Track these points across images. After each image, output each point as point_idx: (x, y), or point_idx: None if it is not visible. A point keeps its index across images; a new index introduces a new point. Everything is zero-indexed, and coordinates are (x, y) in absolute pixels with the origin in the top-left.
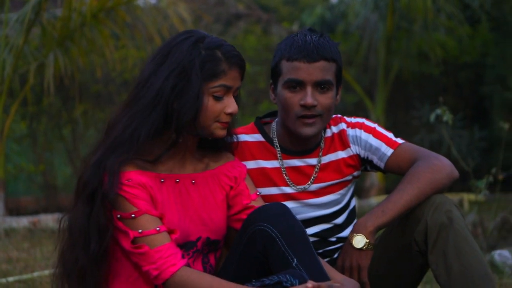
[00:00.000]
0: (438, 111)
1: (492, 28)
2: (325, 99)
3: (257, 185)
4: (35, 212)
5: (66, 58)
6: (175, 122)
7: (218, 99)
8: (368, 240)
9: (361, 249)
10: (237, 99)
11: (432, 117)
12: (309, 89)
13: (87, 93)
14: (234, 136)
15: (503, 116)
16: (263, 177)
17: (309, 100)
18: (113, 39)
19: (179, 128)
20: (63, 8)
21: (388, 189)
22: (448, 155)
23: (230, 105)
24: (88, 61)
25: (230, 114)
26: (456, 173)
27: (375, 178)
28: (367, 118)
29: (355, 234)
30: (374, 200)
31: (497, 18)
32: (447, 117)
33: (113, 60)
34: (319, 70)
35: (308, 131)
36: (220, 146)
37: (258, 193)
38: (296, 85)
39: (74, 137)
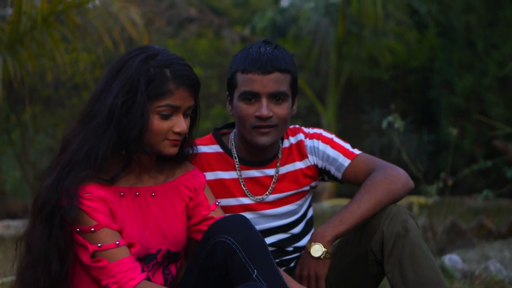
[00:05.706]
0: (390, 118)
1: (439, 34)
2: (280, 110)
3: (216, 196)
4: None
5: (15, 61)
6: (123, 139)
7: (165, 117)
8: (326, 249)
9: (319, 258)
10: (193, 117)
11: (384, 124)
12: (264, 101)
13: (37, 97)
14: (194, 148)
15: (450, 120)
16: (221, 188)
17: (264, 111)
18: (64, 43)
19: (127, 145)
20: (12, 12)
21: (339, 193)
22: (398, 159)
23: (179, 124)
24: (38, 64)
25: (179, 134)
26: (411, 183)
27: (326, 182)
28: (319, 122)
29: (313, 243)
30: (326, 204)
31: (443, 23)
32: (399, 124)
33: (63, 64)
34: (274, 81)
35: (263, 140)
36: (180, 158)
37: (217, 203)
38: (251, 97)
39: (23, 142)
